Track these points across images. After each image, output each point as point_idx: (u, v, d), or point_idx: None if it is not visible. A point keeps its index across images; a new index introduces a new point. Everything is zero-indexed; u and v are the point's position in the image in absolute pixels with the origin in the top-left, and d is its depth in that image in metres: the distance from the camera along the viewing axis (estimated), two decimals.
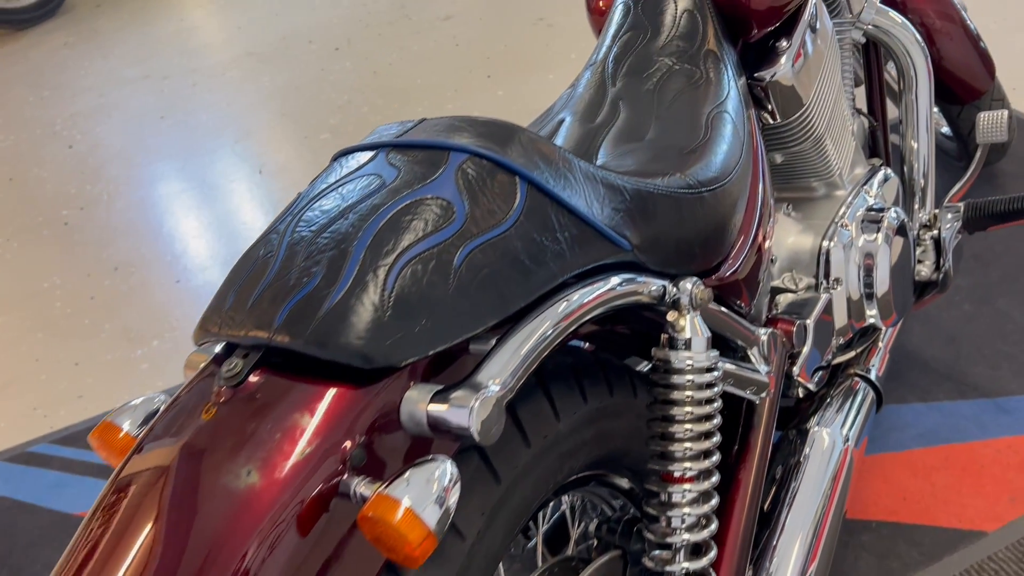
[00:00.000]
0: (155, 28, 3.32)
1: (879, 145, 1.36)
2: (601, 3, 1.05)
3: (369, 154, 0.66)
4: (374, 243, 0.57)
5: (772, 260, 1.06)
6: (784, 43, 1.01)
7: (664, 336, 0.72)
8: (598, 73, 0.94)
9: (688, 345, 0.71)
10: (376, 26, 3.08)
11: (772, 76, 1.00)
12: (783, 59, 1.01)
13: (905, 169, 1.36)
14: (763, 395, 0.88)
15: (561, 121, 0.92)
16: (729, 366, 0.82)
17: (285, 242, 0.60)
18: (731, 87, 0.91)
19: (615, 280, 0.67)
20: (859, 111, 1.32)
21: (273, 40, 3.10)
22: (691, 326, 0.71)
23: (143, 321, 1.87)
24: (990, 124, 1.24)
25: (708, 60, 0.92)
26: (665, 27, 0.94)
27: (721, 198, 0.79)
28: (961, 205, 1.28)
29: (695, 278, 0.72)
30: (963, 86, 1.59)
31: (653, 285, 0.71)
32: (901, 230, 1.13)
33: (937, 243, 1.27)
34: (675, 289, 0.72)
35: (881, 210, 1.12)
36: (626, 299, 0.68)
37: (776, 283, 1.08)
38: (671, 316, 0.71)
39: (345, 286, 0.54)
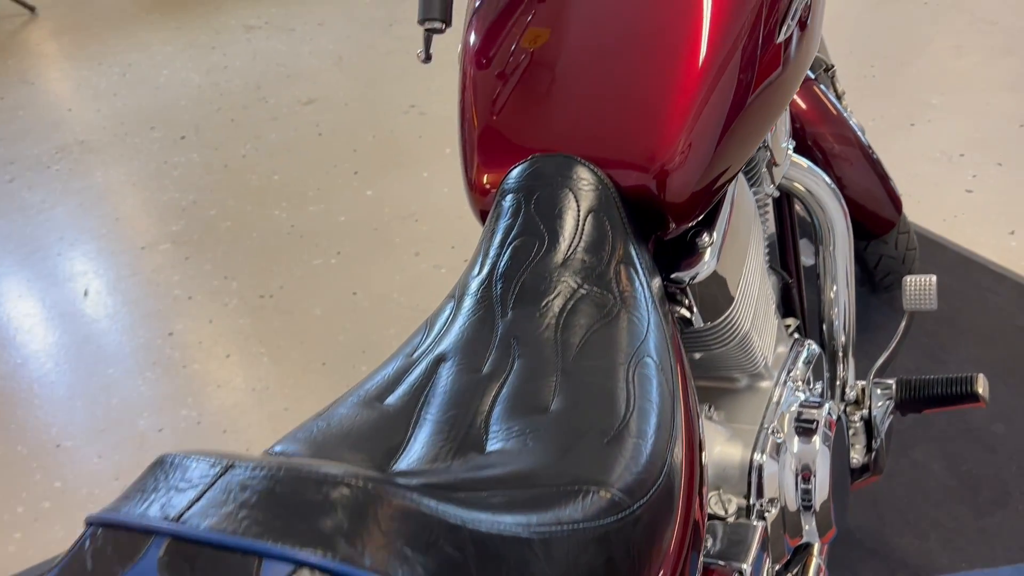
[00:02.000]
0: None
1: (794, 303, 1.22)
2: (485, 180, 0.84)
3: (139, 543, 0.41)
4: None
5: None
6: (706, 238, 0.83)
7: None
8: (484, 293, 0.73)
9: None
10: (229, 110, 2.80)
11: (693, 278, 0.82)
12: (706, 257, 0.83)
13: (824, 327, 1.23)
14: None
15: (440, 360, 0.70)
16: None
17: None
18: (650, 312, 0.72)
19: None
20: (772, 268, 1.17)
21: (109, 125, 2.76)
22: None
23: None
24: (918, 291, 1.12)
25: (620, 277, 0.73)
26: (566, 234, 0.75)
27: (659, 504, 0.59)
28: (892, 383, 1.15)
29: None
30: (872, 219, 1.48)
31: None
32: (838, 426, 0.97)
33: (868, 424, 1.12)
34: None
35: (814, 406, 0.96)
36: None
37: None
38: None
39: None
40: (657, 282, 0.79)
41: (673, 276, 0.83)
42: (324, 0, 3.55)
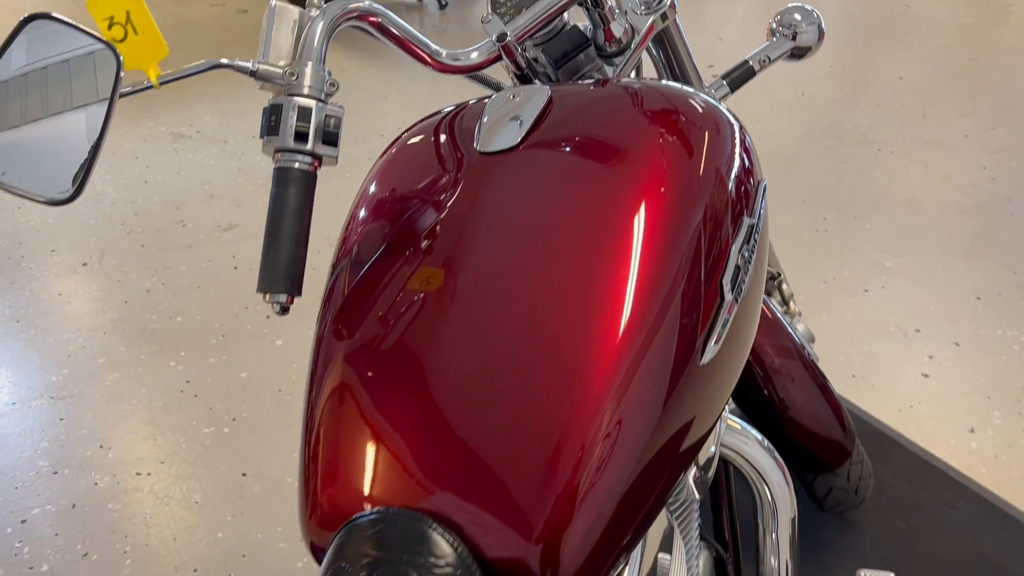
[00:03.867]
0: None
1: None
2: (320, 514, 0.64)
3: None
4: None
5: None
6: None
7: None
8: None
9: None
10: (141, 233, 2.58)
11: None
12: None
13: None
14: None
15: None
16: None
17: None
18: None
19: None
20: (704, 539, 0.98)
21: (6, 245, 2.52)
22: None
23: None
24: None
25: None
26: None
27: None
28: None
29: None
30: (822, 448, 1.30)
31: None
32: None
33: None
34: None
35: None
36: None
37: None
38: None
39: None
40: None
41: None
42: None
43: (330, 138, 0.74)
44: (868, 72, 3.78)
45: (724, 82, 1.09)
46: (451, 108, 0.85)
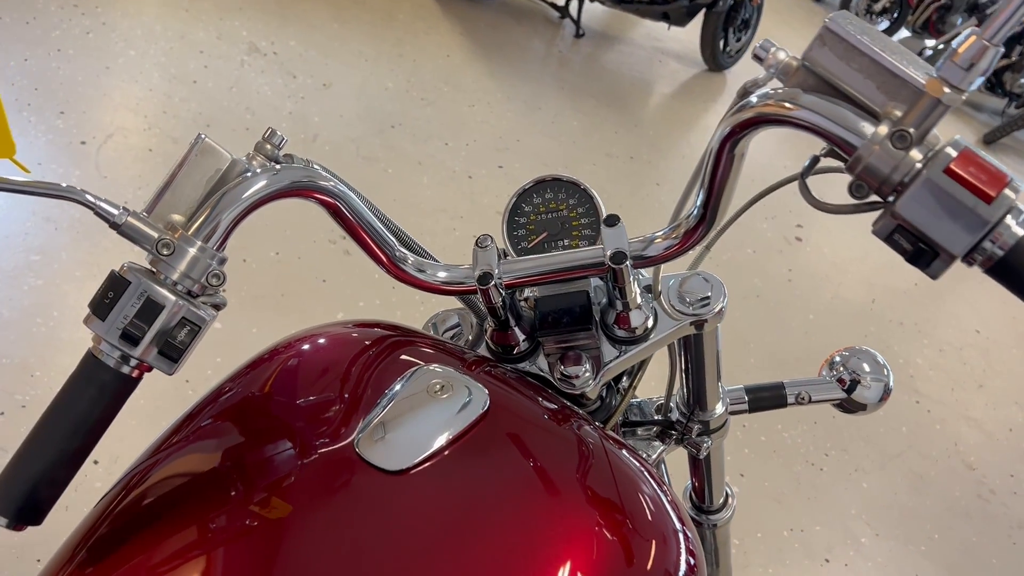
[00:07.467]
0: None
1: None
2: None
3: None
4: None
5: None
6: None
7: None
8: None
9: None
10: (157, 134, 2.41)
11: None
12: None
13: None
14: None
15: None
16: None
17: None
18: None
19: None
20: None
21: (22, 85, 2.37)
22: None
23: None
24: None
25: None
26: None
27: None
28: None
29: None
30: None
31: None
32: None
33: None
34: None
35: None
36: None
37: None
38: None
39: None
40: None
41: None
42: (354, 56, 3.21)
43: (171, 351, 0.53)
44: (948, 308, 3.52)
45: (746, 396, 0.87)
46: (366, 340, 0.64)
